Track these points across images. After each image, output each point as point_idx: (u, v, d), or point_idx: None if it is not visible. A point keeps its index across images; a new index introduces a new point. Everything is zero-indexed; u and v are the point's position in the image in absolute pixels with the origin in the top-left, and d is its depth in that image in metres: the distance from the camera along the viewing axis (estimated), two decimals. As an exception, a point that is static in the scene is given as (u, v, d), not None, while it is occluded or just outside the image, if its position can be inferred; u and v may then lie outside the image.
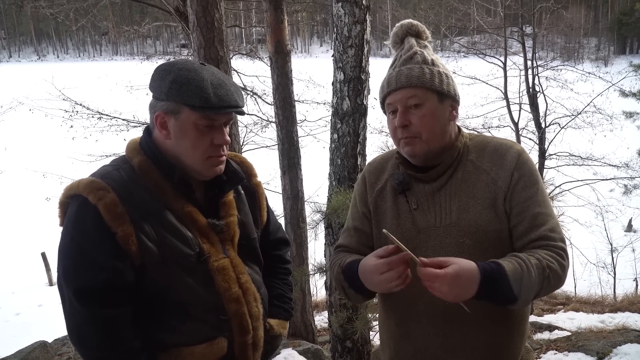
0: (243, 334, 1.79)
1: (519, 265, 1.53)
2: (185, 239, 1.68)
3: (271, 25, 7.00)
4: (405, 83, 1.71)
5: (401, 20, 1.91)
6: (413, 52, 1.76)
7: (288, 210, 7.38)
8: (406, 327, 1.81)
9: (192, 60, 1.72)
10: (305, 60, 46.95)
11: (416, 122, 1.71)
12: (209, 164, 1.71)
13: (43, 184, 11.85)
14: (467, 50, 17.03)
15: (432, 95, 1.71)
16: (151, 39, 69.54)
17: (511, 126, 14.70)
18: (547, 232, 1.64)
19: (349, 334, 4.00)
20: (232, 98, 1.66)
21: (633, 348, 5.31)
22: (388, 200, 1.85)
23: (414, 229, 1.77)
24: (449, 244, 1.71)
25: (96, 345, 1.59)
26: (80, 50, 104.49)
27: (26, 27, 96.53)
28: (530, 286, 1.53)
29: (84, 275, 1.57)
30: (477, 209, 1.69)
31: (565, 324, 7.73)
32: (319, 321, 8.56)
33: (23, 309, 12.12)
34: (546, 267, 1.55)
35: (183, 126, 1.66)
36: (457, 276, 1.46)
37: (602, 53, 65.23)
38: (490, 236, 1.68)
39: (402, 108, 1.73)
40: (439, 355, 1.76)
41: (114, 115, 11.03)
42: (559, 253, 1.62)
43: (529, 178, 1.70)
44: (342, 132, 3.95)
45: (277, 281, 2.11)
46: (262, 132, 11.85)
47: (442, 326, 1.71)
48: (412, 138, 1.73)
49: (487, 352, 1.73)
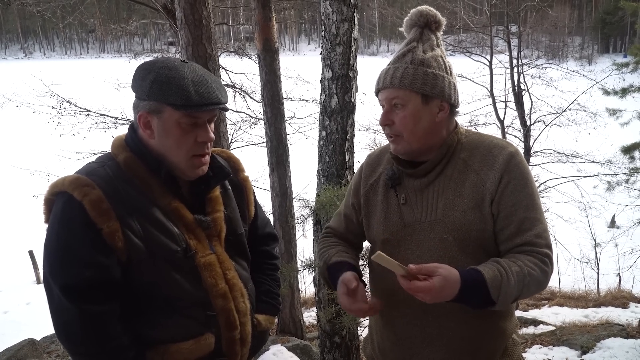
0: (230, 330, 1.79)
1: (499, 272, 1.56)
2: (171, 235, 1.68)
3: (259, 22, 7.00)
4: (389, 83, 1.74)
5: (388, 18, 1.92)
6: (407, 50, 1.76)
7: (277, 208, 7.39)
8: (388, 314, 1.85)
9: (172, 58, 1.70)
10: (293, 57, 46.86)
11: (397, 122, 1.74)
12: (193, 164, 1.71)
13: (30, 181, 11.72)
14: (453, 49, 17.05)
15: (415, 97, 1.71)
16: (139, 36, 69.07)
17: (497, 124, 14.79)
18: (533, 238, 1.64)
19: (337, 330, 4.02)
20: (214, 95, 1.65)
21: (616, 342, 5.38)
22: (379, 194, 1.88)
23: (400, 223, 1.80)
24: (432, 239, 1.74)
25: (83, 341, 1.59)
26: (67, 48, 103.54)
27: (13, 25, 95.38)
28: (509, 292, 1.55)
29: (71, 271, 1.57)
30: (462, 207, 1.71)
31: (550, 318, 7.84)
32: (308, 317, 8.60)
33: (11, 307, 12.01)
34: (527, 274, 1.57)
35: (166, 125, 1.65)
36: (441, 288, 1.51)
37: (586, 52, 65.74)
38: (473, 235, 1.70)
39: (387, 107, 1.76)
40: (417, 344, 1.81)
41: (102, 112, 10.94)
42: (542, 260, 1.62)
43: (518, 182, 1.68)
44: (330, 129, 3.98)
45: (265, 277, 2.11)
46: (251, 129, 11.80)
47: (420, 317, 1.76)
48: (396, 136, 1.76)
49: (463, 345, 1.77)
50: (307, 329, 7.94)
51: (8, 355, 5.44)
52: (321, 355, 4.28)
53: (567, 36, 67.33)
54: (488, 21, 15.52)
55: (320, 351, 4.30)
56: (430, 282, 1.50)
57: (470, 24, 16.78)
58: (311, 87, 11.71)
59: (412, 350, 1.83)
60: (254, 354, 1.99)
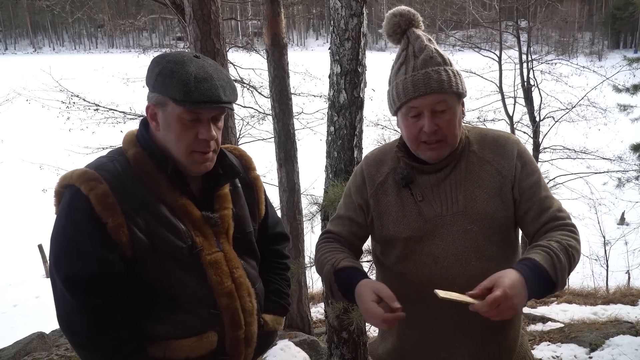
0: (235, 329, 1.78)
1: (547, 253, 1.59)
2: (177, 232, 1.67)
3: (268, 18, 6.99)
4: (436, 88, 1.69)
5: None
6: (430, 52, 1.73)
7: (284, 203, 7.38)
8: (412, 313, 1.77)
9: (184, 52, 1.70)
10: (301, 53, 46.83)
11: (444, 126, 1.71)
12: (193, 160, 1.69)
13: (40, 175, 11.80)
14: (462, 44, 17.03)
15: (454, 99, 1.73)
16: (147, 31, 69.27)
17: (506, 120, 14.74)
18: (556, 213, 1.74)
19: (345, 325, 4.02)
20: (215, 93, 1.61)
21: (625, 339, 5.36)
22: (390, 194, 1.86)
23: (421, 219, 1.79)
24: (456, 231, 1.75)
25: (83, 333, 1.60)
26: (76, 43, 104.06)
27: (22, 20, 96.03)
28: (563, 269, 1.59)
29: (74, 264, 1.58)
30: (484, 197, 1.76)
31: (559, 315, 7.79)
32: (315, 313, 8.59)
33: (20, 301, 12.11)
34: (567, 247, 1.63)
35: (168, 119, 1.65)
36: (512, 287, 1.47)
37: (596, 47, 65.48)
38: (497, 223, 1.75)
39: (430, 113, 1.71)
40: (445, 339, 1.80)
41: (111, 107, 10.99)
42: (571, 230, 1.71)
43: (530, 166, 1.78)
44: (338, 124, 3.97)
45: (275, 276, 2.09)
46: (259, 124, 11.80)
47: (451, 311, 1.69)
48: (439, 142, 1.73)
49: (490, 335, 1.79)
50: (314, 324, 7.93)
51: (17, 348, 5.48)
52: (329, 350, 4.28)
53: (577, 31, 66.91)
54: (497, 16, 15.44)
55: (328, 347, 4.30)
56: (501, 290, 1.46)
57: (479, 19, 16.70)
58: (319, 82, 11.72)
59: (439, 347, 1.82)
60: (259, 354, 1.97)
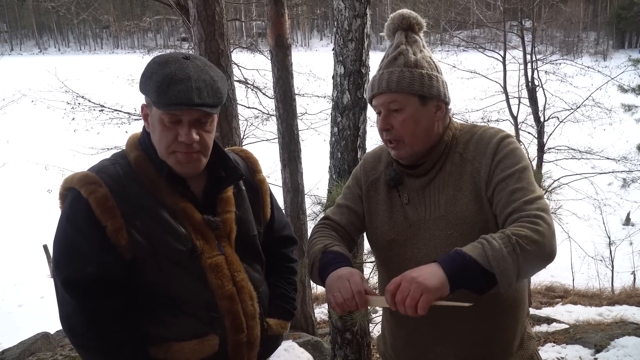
0: (237, 332, 1.77)
1: (478, 242, 1.50)
2: (177, 235, 1.67)
3: (272, 18, 7.00)
4: (385, 88, 1.72)
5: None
6: (397, 53, 1.75)
7: (288, 204, 7.39)
8: (399, 315, 1.77)
9: (174, 53, 1.68)
10: (305, 53, 46.85)
11: (397, 126, 1.73)
12: (176, 160, 1.66)
13: (45, 176, 11.83)
14: (466, 45, 16.94)
15: (412, 99, 1.72)
16: (152, 32, 69.30)
17: (510, 120, 14.66)
18: (521, 205, 1.58)
19: (349, 326, 4.03)
20: (187, 95, 1.56)
21: (631, 341, 5.34)
22: (381, 193, 1.88)
23: (405, 223, 1.80)
24: (438, 236, 1.74)
25: (83, 334, 1.63)
26: (81, 44, 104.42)
27: (28, 21, 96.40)
28: (500, 257, 1.44)
29: (73, 266, 1.61)
30: (464, 201, 1.71)
31: (564, 316, 7.78)
32: (319, 313, 8.59)
33: (25, 301, 12.13)
34: (511, 235, 1.48)
35: (153, 119, 1.66)
36: (411, 276, 1.45)
37: (601, 47, 65.25)
38: (477, 227, 1.68)
39: (385, 112, 1.75)
40: (429, 342, 1.81)
41: (116, 108, 11.03)
42: (530, 220, 1.53)
43: (509, 159, 1.66)
44: (342, 125, 3.97)
45: (281, 280, 2.06)
46: (263, 125, 11.82)
47: (431, 315, 1.64)
48: (396, 142, 1.75)
49: (476, 339, 1.76)
50: (318, 325, 7.94)
51: (22, 348, 5.49)
52: (332, 351, 4.29)
53: (581, 31, 66.70)
54: (502, 17, 15.39)
55: (332, 347, 4.30)
56: (396, 278, 1.47)
57: (483, 20, 16.64)
58: (323, 83, 11.72)
59: (424, 349, 1.83)
60: (263, 358, 1.96)
